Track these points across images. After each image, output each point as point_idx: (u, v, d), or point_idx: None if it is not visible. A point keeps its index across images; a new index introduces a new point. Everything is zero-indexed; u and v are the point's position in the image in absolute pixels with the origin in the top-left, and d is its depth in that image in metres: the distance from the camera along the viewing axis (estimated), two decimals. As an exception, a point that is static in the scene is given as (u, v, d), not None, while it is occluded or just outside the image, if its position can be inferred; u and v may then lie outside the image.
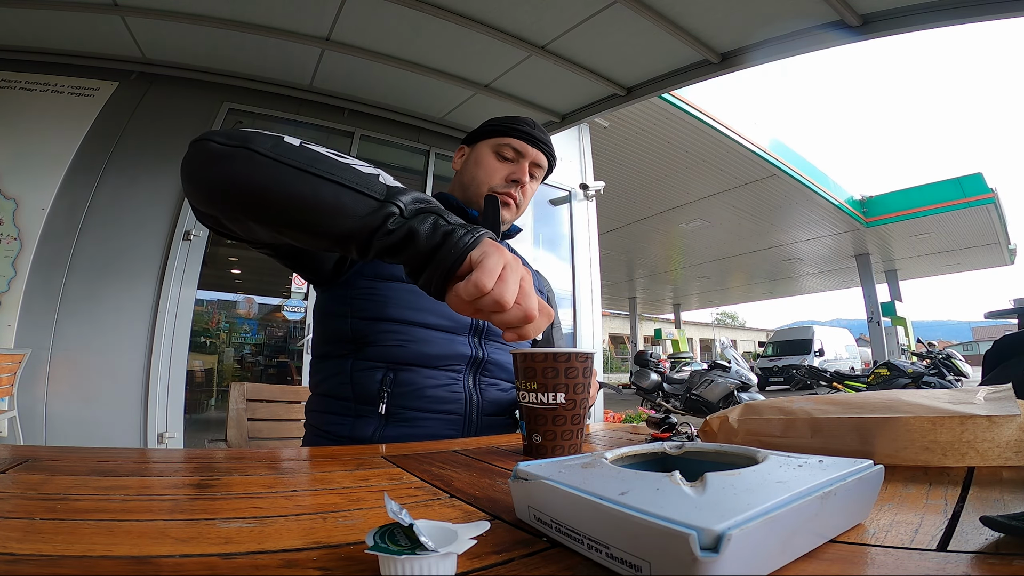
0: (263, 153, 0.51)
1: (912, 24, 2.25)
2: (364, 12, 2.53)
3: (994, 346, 0.92)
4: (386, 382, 0.80)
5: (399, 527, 0.24)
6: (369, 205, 0.50)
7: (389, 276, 0.84)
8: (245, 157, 0.51)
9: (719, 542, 0.19)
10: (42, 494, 0.34)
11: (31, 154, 2.72)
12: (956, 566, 0.22)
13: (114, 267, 2.70)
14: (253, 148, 0.51)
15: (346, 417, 0.81)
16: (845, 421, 0.44)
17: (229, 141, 0.52)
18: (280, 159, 0.50)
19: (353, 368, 0.82)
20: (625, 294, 16.82)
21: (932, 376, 4.63)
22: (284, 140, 0.53)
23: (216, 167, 0.53)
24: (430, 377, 0.82)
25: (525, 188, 0.97)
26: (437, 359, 0.83)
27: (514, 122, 0.98)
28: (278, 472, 0.45)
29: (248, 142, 0.51)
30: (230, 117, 3.20)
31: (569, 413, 0.55)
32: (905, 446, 0.42)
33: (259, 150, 0.51)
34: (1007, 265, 11.33)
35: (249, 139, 0.52)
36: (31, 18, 2.54)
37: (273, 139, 0.52)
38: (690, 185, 7.33)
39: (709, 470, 0.27)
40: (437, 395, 0.81)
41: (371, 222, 0.49)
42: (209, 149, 0.53)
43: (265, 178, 0.51)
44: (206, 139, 0.54)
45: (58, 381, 2.55)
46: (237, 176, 0.52)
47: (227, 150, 0.52)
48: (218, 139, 0.53)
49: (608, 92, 3.11)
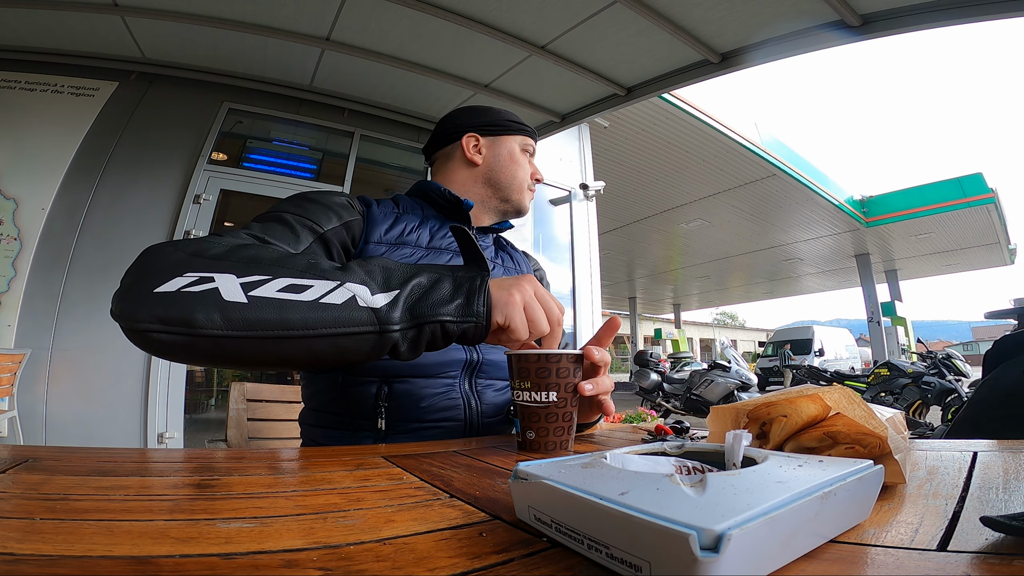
0: (219, 335, 0.43)
1: (912, 24, 2.25)
2: (364, 12, 2.53)
3: (994, 346, 0.92)
4: (381, 396, 0.76)
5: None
6: (368, 341, 0.48)
7: None
8: (207, 344, 0.43)
9: (719, 542, 0.19)
10: (42, 494, 0.34)
11: (31, 154, 2.73)
12: (956, 566, 0.22)
13: (114, 267, 2.68)
14: (202, 332, 0.43)
15: (343, 431, 0.78)
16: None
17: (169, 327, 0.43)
18: (247, 333, 0.43)
19: (345, 383, 0.78)
20: (625, 294, 16.83)
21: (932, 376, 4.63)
22: (224, 297, 0.44)
23: (188, 355, 0.46)
24: (426, 386, 0.79)
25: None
26: (432, 367, 0.79)
27: (523, 120, 1.02)
28: (278, 472, 0.45)
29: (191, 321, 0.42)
30: (230, 117, 3.20)
31: (561, 411, 0.58)
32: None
33: (210, 332, 0.43)
34: (1007, 265, 11.34)
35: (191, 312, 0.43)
36: (31, 18, 2.54)
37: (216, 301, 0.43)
38: (690, 185, 7.34)
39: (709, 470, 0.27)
40: (435, 404, 0.79)
41: (379, 351, 0.49)
42: (152, 341, 0.44)
43: (243, 353, 0.45)
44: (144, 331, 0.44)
45: (58, 381, 2.56)
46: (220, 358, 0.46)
47: (176, 341, 0.43)
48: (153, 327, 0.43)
49: (608, 92, 3.11)
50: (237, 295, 0.44)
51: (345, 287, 0.47)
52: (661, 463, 0.33)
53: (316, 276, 0.48)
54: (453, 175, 0.98)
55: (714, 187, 7.44)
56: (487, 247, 0.99)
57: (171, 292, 0.44)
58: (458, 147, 0.98)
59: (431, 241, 0.87)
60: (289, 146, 3.44)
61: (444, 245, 0.88)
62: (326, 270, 0.49)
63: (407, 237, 0.85)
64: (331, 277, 0.48)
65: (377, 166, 3.71)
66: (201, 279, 0.45)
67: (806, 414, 0.43)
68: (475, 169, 0.97)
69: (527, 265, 1.08)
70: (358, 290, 0.48)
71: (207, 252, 0.48)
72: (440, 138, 1.00)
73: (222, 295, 0.44)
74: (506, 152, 0.98)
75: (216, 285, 0.44)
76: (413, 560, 0.24)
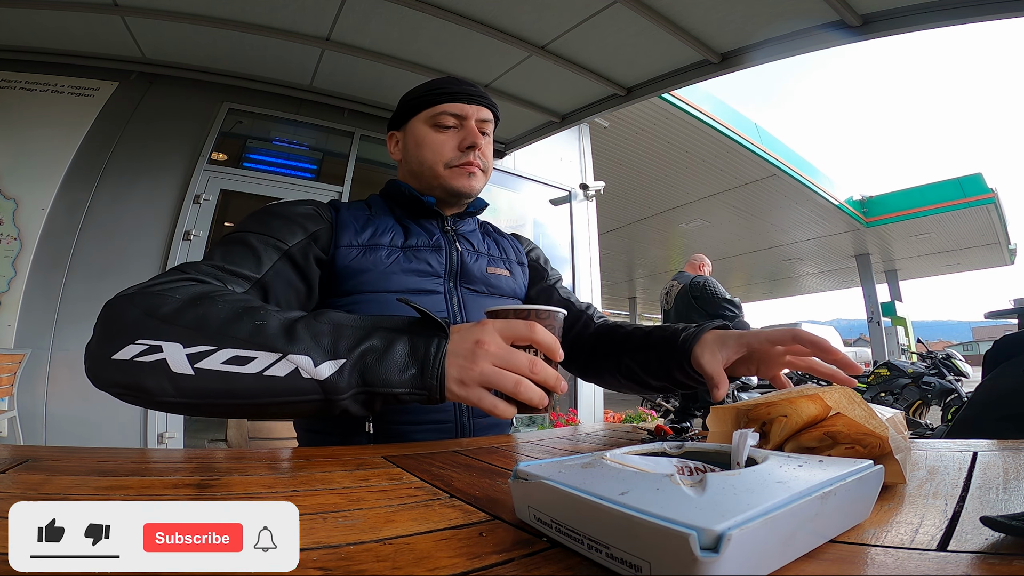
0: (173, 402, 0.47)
1: (912, 24, 2.25)
2: (364, 12, 2.53)
3: (994, 346, 0.93)
4: None
5: None
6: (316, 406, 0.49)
7: (353, 289, 0.78)
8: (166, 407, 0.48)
9: (719, 542, 0.19)
10: (42, 494, 0.34)
11: (31, 154, 2.73)
12: (956, 566, 0.22)
13: (114, 267, 2.70)
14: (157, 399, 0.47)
15: (331, 436, 0.77)
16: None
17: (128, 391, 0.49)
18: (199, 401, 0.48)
19: None
20: (625, 294, 16.81)
21: (932, 376, 4.63)
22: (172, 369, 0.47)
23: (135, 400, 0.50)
24: None
25: (483, 149, 0.88)
26: None
27: (438, 85, 0.88)
28: (278, 472, 0.45)
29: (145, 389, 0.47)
30: (230, 117, 3.20)
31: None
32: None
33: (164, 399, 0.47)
34: (1007, 265, 11.33)
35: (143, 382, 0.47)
36: (31, 18, 2.54)
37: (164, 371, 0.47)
38: (690, 185, 7.33)
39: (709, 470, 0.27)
40: (426, 406, 0.78)
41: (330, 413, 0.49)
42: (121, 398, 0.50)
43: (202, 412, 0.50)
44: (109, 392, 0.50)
45: (58, 381, 2.56)
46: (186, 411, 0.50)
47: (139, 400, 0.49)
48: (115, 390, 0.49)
49: (608, 92, 3.12)
50: (183, 367, 0.47)
51: (287, 359, 0.48)
52: (661, 463, 0.33)
53: (259, 347, 0.48)
54: (400, 177, 0.95)
55: (714, 187, 7.43)
56: (472, 231, 0.94)
57: (125, 360, 0.47)
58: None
59: (406, 241, 0.84)
60: (289, 146, 3.44)
61: (419, 243, 0.85)
62: (271, 335, 0.49)
63: (380, 239, 0.82)
64: (274, 347, 0.48)
65: (377, 166, 3.70)
66: (151, 348, 0.47)
67: (806, 414, 0.43)
68: (401, 165, 0.94)
69: (516, 248, 1.02)
70: (300, 361, 0.48)
71: (158, 311, 0.50)
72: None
73: (169, 366, 0.47)
74: (411, 139, 0.89)
75: (164, 356, 0.47)
76: (413, 560, 0.24)
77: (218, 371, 0.47)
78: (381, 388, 0.49)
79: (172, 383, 0.47)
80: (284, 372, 0.47)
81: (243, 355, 0.47)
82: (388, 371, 0.49)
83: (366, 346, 0.50)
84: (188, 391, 0.47)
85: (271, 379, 0.47)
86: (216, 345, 0.48)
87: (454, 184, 0.86)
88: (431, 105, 0.87)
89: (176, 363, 0.47)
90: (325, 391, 0.48)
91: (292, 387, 0.47)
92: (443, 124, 0.86)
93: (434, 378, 0.49)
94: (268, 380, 0.47)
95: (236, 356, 0.47)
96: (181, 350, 0.47)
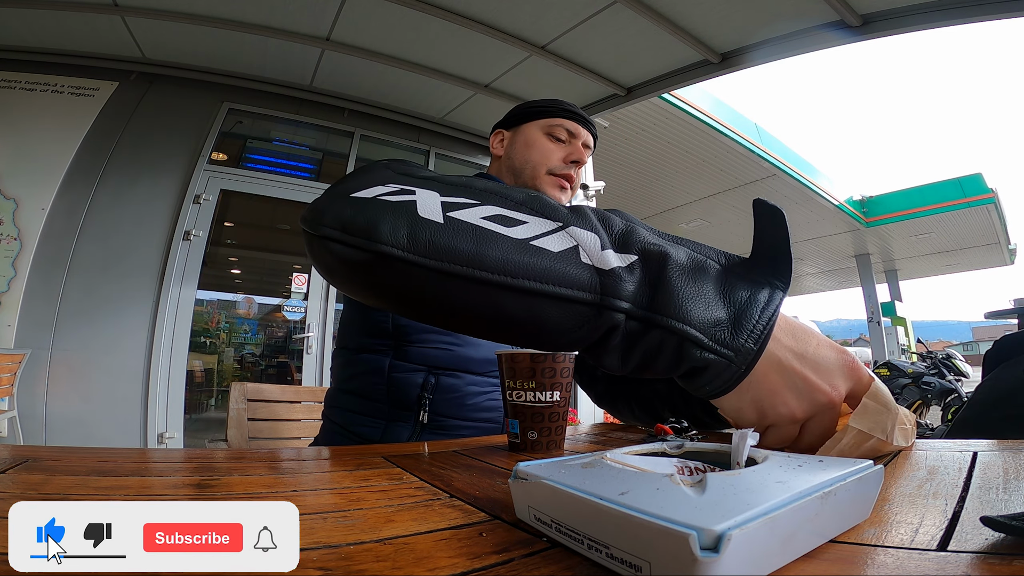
0: (397, 256, 0.35)
1: (912, 24, 2.25)
2: (364, 12, 2.53)
3: (994, 346, 0.92)
4: (427, 388, 0.75)
5: None
6: (577, 315, 0.35)
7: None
8: (380, 267, 0.36)
9: (719, 542, 0.19)
10: (42, 494, 0.34)
11: (31, 154, 2.73)
12: (956, 566, 0.22)
13: (114, 267, 2.70)
14: (380, 248, 0.35)
15: (378, 420, 0.77)
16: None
17: (349, 236, 0.37)
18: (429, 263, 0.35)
19: (391, 369, 0.76)
20: (625, 294, 16.82)
21: (932, 376, 4.63)
22: (419, 213, 0.36)
23: (361, 279, 0.38)
24: (473, 384, 0.77)
25: (580, 169, 0.96)
26: (482, 364, 0.78)
27: (562, 103, 0.97)
28: (278, 472, 0.45)
29: (373, 231, 0.36)
30: (230, 117, 3.20)
31: (562, 410, 0.59)
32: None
33: (388, 250, 0.35)
34: (1007, 265, 11.32)
35: (377, 221, 0.36)
36: (31, 18, 2.54)
37: (408, 214, 0.36)
38: (690, 185, 7.34)
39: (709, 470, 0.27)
40: (480, 403, 0.77)
41: (586, 335, 0.36)
42: (327, 253, 0.38)
43: (413, 289, 0.37)
44: (323, 238, 0.38)
45: (58, 381, 2.56)
46: (391, 291, 0.38)
47: (350, 256, 0.37)
48: (334, 234, 0.37)
49: (608, 92, 3.12)
50: (434, 213, 0.36)
51: (567, 232, 0.36)
52: (661, 463, 0.33)
53: (533, 211, 0.38)
54: (492, 172, 1.00)
55: (714, 187, 7.44)
56: None
57: (366, 198, 0.38)
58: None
59: None
60: (289, 146, 3.45)
61: None
62: (551, 205, 0.38)
63: None
64: (555, 216, 0.37)
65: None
66: (402, 190, 0.38)
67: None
68: (499, 162, 0.99)
69: None
70: (584, 238, 0.36)
71: (417, 173, 0.43)
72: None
73: (417, 209, 0.36)
74: (522, 139, 0.96)
75: (415, 198, 0.37)
76: (413, 560, 0.24)
77: (474, 225, 0.36)
78: (673, 321, 0.34)
79: (410, 229, 0.35)
80: (558, 248, 0.35)
81: (511, 216, 0.37)
82: (690, 297, 0.35)
83: (669, 252, 0.36)
84: (424, 245, 0.35)
85: (538, 252, 0.35)
86: (479, 200, 0.38)
87: (549, 191, 0.92)
88: (551, 116, 0.95)
89: (426, 208, 0.37)
90: (603, 289, 0.34)
91: (561, 272, 0.34)
92: (556, 135, 0.94)
93: (752, 340, 0.34)
94: (533, 253, 0.35)
95: (501, 215, 0.37)
96: (437, 197, 0.38)
